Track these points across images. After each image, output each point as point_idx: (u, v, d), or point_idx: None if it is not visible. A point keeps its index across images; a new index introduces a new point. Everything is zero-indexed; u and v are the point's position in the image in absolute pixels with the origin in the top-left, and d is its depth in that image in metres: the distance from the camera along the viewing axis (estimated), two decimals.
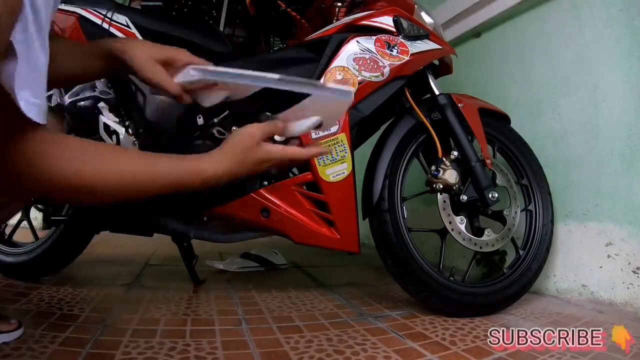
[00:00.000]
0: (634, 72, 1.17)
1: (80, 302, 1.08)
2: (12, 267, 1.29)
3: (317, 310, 1.13)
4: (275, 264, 1.72)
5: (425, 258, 1.10)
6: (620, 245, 1.18)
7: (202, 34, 1.18)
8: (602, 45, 1.26)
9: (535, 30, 1.49)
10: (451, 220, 1.14)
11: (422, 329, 1.00)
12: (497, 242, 1.17)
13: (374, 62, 1.12)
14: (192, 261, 1.35)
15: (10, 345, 0.77)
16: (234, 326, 0.98)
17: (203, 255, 1.55)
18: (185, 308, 1.10)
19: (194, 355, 0.79)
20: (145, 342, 0.84)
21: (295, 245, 1.14)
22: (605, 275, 1.21)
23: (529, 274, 1.17)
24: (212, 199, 1.08)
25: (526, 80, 1.51)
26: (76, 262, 1.38)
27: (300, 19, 1.54)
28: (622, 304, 1.15)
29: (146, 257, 1.79)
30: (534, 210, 1.24)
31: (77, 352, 0.77)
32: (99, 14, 1.08)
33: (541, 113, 1.44)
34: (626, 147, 1.19)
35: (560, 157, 1.36)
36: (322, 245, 1.10)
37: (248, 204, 1.07)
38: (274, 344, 0.87)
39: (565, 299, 1.30)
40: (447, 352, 0.86)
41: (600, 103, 1.26)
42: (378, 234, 1.12)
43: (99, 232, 1.35)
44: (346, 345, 0.88)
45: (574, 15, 1.35)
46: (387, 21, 1.17)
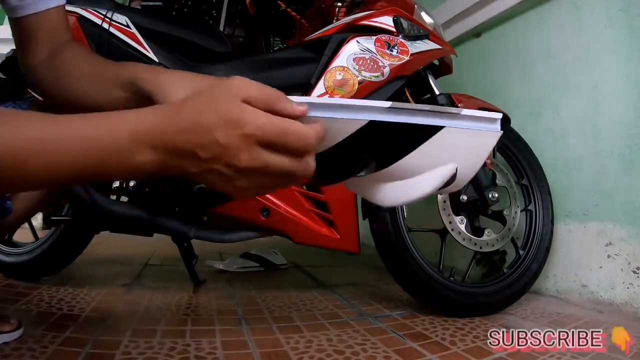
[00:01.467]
0: (633, 72, 1.17)
1: (80, 302, 1.08)
2: (12, 267, 1.29)
3: (317, 310, 1.13)
4: (275, 264, 1.72)
5: (425, 258, 1.10)
6: (620, 245, 1.18)
7: (202, 34, 1.18)
8: (602, 45, 1.26)
9: (535, 30, 1.49)
10: (451, 220, 1.14)
11: (422, 329, 1.00)
12: (497, 242, 1.17)
13: (374, 62, 1.12)
14: (192, 261, 1.35)
15: (10, 345, 0.77)
16: (234, 326, 0.98)
17: (203, 255, 1.55)
18: (185, 308, 1.10)
19: (194, 355, 0.79)
20: (145, 342, 0.84)
21: (295, 245, 1.14)
22: (605, 275, 1.21)
23: (529, 274, 1.17)
24: (212, 198, 1.08)
25: (526, 80, 1.51)
26: (76, 262, 1.38)
27: (300, 19, 1.54)
28: (622, 304, 1.15)
29: (146, 257, 1.79)
30: (534, 210, 1.24)
31: (77, 352, 0.76)
32: (99, 14, 1.07)
33: (541, 113, 1.44)
34: (626, 147, 1.19)
35: (560, 157, 1.36)
36: (322, 245, 1.10)
37: (248, 204, 1.07)
38: (274, 344, 0.87)
39: (565, 299, 1.30)
40: (447, 352, 0.86)
41: (600, 103, 1.26)
42: (378, 234, 1.12)
43: (99, 232, 1.35)
44: (346, 345, 0.88)
45: (574, 15, 1.35)
46: (387, 21, 1.17)
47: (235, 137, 0.32)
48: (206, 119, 0.33)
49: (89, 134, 0.34)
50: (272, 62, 1.20)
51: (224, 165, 0.34)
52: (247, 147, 0.33)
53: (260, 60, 1.26)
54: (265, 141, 0.33)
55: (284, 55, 1.25)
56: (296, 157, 0.34)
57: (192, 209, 1.12)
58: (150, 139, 0.34)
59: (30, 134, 0.34)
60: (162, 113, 0.35)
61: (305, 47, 1.19)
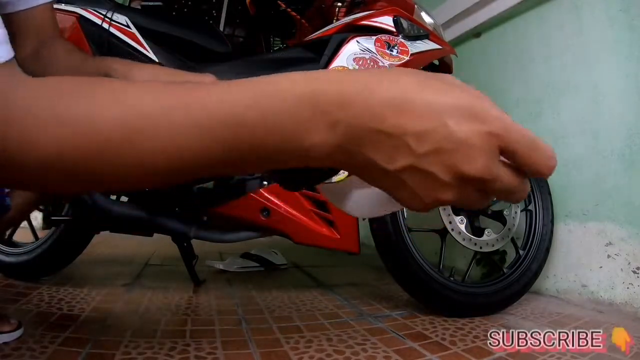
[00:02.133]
0: (633, 72, 1.17)
1: (80, 302, 1.08)
2: (12, 267, 1.29)
3: (317, 310, 1.13)
4: (275, 264, 1.72)
5: (425, 258, 1.10)
6: (620, 245, 1.18)
7: (202, 34, 1.18)
8: (602, 45, 1.26)
9: (535, 30, 1.49)
10: (451, 220, 1.14)
11: (422, 329, 1.00)
12: (497, 242, 1.17)
13: (374, 62, 1.12)
14: (192, 261, 1.35)
15: (10, 345, 0.77)
16: (234, 326, 0.98)
17: (203, 255, 1.55)
18: (185, 308, 1.10)
19: (194, 355, 0.79)
20: (145, 342, 0.84)
21: (295, 245, 1.14)
22: (605, 275, 1.21)
23: (529, 274, 1.17)
24: (212, 198, 1.08)
25: (526, 80, 1.51)
26: (76, 262, 1.38)
27: (300, 19, 1.54)
28: (622, 304, 1.15)
29: (146, 257, 1.79)
30: (534, 210, 1.24)
31: (77, 352, 0.77)
32: (99, 14, 1.07)
33: (541, 113, 1.44)
34: (626, 147, 1.19)
35: (560, 157, 1.33)
36: (322, 245, 1.10)
37: (248, 204, 1.07)
38: (274, 344, 0.87)
39: (565, 299, 1.30)
40: (447, 352, 0.86)
41: (600, 103, 1.26)
42: (378, 234, 1.12)
43: (99, 232, 1.35)
44: (346, 345, 0.88)
45: (574, 15, 1.35)
46: (387, 21, 1.17)
47: (477, 134, 0.23)
48: (437, 101, 0.23)
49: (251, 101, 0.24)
50: (272, 62, 1.21)
51: (443, 167, 0.24)
52: (488, 149, 0.24)
53: (260, 60, 1.26)
54: (510, 149, 0.24)
55: (284, 55, 1.26)
56: (522, 176, 0.26)
57: (192, 209, 1.12)
58: (331, 111, 0.24)
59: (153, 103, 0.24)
60: (355, 80, 0.24)
61: (305, 47, 1.19)
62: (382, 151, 0.24)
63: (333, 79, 0.24)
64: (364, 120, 0.23)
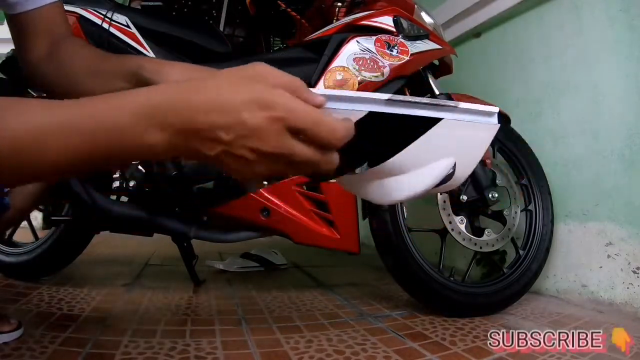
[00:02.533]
0: (633, 72, 1.17)
1: (80, 302, 1.08)
2: (12, 267, 1.29)
3: (317, 310, 1.13)
4: (275, 264, 1.72)
5: (425, 258, 1.10)
6: (620, 245, 1.18)
7: (202, 34, 1.18)
8: (602, 45, 1.26)
9: (535, 30, 1.49)
10: (451, 220, 1.14)
11: (422, 329, 1.00)
12: (497, 242, 1.17)
13: (374, 62, 1.12)
14: (192, 261, 1.35)
15: (10, 345, 0.77)
16: (234, 326, 0.98)
17: (203, 255, 1.55)
18: (185, 308, 1.10)
19: (194, 355, 0.79)
20: (145, 342, 0.84)
21: (295, 245, 1.14)
22: (605, 275, 1.21)
23: (529, 274, 1.17)
24: (212, 198, 1.08)
25: (526, 80, 1.51)
26: (76, 262, 1.38)
27: (300, 19, 1.54)
28: (622, 304, 1.15)
29: (146, 257, 1.79)
30: (534, 210, 1.24)
31: (77, 352, 0.77)
32: (99, 14, 1.07)
33: (541, 113, 1.44)
34: (626, 147, 1.19)
35: (560, 157, 1.36)
36: (322, 245, 1.10)
37: (248, 204, 1.07)
38: (274, 344, 0.87)
39: (565, 299, 1.30)
40: (447, 352, 0.86)
41: (600, 103, 1.26)
42: (378, 234, 1.12)
43: (99, 232, 1.35)
44: (346, 345, 0.88)
45: (574, 15, 1.35)
46: (387, 21, 1.17)
47: (265, 120, 0.30)
48: (233, 98, 0.31)
49: (94, 112, 0.32)
50: (272, 62, 1.19)
51: (247, 149, 0.31)
52: (276, 131, 0.31)
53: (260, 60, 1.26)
54: (296, 128, 0.31)
55: (284, 55, 1.26)
56: (320, 150, 0.33)
57: (192, 209, 1.12)
58: (159, 117, 0.31)
59: (33, 119, 0.30)
60: (177, 90, 0.32)
61: (305, 47, 1.19)
62: (202, 143, 0.32)
63: (165, 92, 0.32)
64: (184, 121, 0.31)
